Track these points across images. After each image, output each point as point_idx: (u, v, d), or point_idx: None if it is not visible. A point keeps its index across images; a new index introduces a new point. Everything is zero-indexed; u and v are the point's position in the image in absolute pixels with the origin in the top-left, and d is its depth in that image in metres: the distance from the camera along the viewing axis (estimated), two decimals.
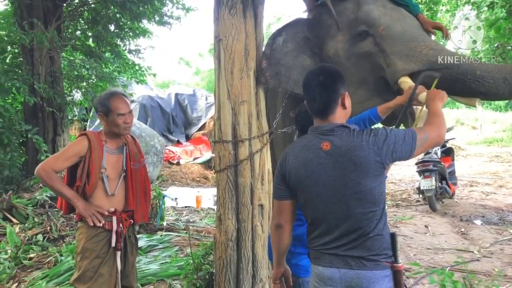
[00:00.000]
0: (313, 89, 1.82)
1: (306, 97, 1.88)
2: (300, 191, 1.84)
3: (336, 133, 1.76)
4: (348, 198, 1.72)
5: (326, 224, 1.78)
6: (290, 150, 1.91)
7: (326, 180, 1.75)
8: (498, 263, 4.47)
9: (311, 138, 1.83)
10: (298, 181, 1.82)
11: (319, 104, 1.81)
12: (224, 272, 2.95)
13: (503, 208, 7.06)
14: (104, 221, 2.54)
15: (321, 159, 1.76)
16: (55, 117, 7.18)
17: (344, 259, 1.73)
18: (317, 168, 1.76)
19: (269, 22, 22.30)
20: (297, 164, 1.82)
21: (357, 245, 1.72)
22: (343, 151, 1.72)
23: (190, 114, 14.01)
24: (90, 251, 2.52)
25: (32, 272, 4.24)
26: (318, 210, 1.79)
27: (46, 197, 5.75)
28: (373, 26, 2.73)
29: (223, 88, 2.96)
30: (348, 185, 1.71)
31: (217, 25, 2.98)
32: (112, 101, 2.61)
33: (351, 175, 1.70)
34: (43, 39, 6.26)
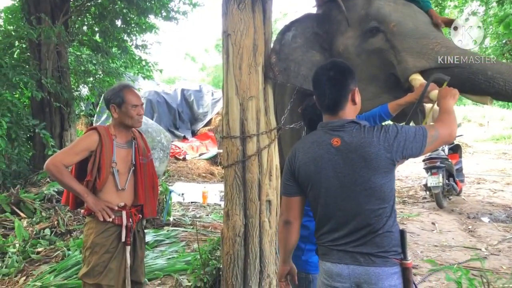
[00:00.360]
0: (323, 84, 1.81)
1: (316, 92, 1.86)
2: (309, 187, 1.83)
3: (346, 129, 1.75)
4: (358, 194, 1.71)
5: (335, 221, 1.77)
6: (299, 146, 1.90)
7: (336, 177, 1.74)
8: (506, 261, 4.45)
9: (321, 134, 1.82)
10: (308, 177, 1.81)
11: (329, 99, 1.80)
12: (231, 267, 2.95)
13: (511, 205, 7.02)
14: (113, 216, 2.54)
15: (331, 155, 1.75)
16: (62, 112, 7.20)
17: (353, 255, 1.72)
18: (327, 164, 1.75)
19: (276, 18, 22.24)
20: (306, 160, 1.81)
21: (366, 242, 1.71)
22: (354, 147, 1.71)
23: (196, 110, 14.02)
24: (100, 246, 2.52)
25: (40, 266, 4.27)
26: (328, 207, 1.78)
27: (53, 192, 5.78)
28: (384, 22, 2.70)
29: (231, 83, 2.95)
30: (358, 181, 1.70)
31: (225, 20, 2.96)
32: (126, 93, 2.63)
33: (361, 172, 1.70)
34: (51, 34, 6.27)
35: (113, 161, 2.58)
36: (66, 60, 7.29)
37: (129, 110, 2.61)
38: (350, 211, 1.73)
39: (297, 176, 1.86)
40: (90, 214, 2.58)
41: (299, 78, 2.97)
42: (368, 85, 2.78)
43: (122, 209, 2.60)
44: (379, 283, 1.68)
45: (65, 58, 7.25)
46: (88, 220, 2.61)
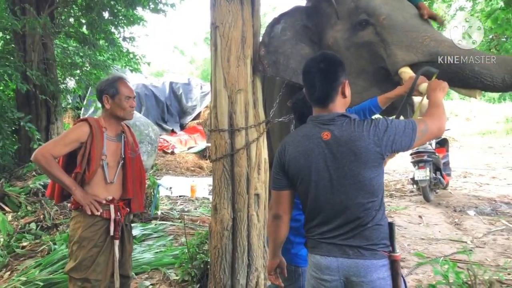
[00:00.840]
0: (314, 76, 1.79)
1: (306, 84, 1.85)
2: (299, 181, 1.82)
3: (336, 122, 1.75)
4: (348, 188, 1.71)
5: (324, 214, 1.77)
6: (289, 139, 1.89)
7: (326, 170, 1.74)
8: (491, 253, 4.50)
9: (311, 128, 1.81)
10: (298, 171, 1.81)
11: (319, 91, 1.78)
12: (219, 261, 2.94)
13: (496, 199, 7.11)
14: (101, 210, 2.51)
15: (321, 149, 1.74)
16: (48, 105, 7.10)
17: (342, 248, 1.73)
18: (317, 158, 1.75)
19: (265, 11, 22.18)
20: (296, 154, 1.81)
21: (355, 235, 1.72)
22: (344, 141, 1.70)
23: (185, 103, 13.94)
24: (88, 240, 2.49)
25: (25, 260, 4.22)
26: (317, 200, 1.78)
27: (39, 186, 5.70)
28: (374, 15, 2.69)
29: (219, 76, 2.92)
30: (347, 175, 1.70)
31: (213, 12, 2.93)
32: (120, 84, 2.62)
33: (351, 166, 1.70)
34: (36, 25, 6.15)
35: (103, 154, 2.55)
36: (52, 52, 7.17)
37: (122, 101, 2.60)
38: (339, 205, 1.73)
39: (287, 169, 1.86)
40: (77, 208, 2.54)
41: (288, 72, 2.95)
42: (357, 78, 2.77)
43: (110, 203, 2.57)
44: (368, 276, 1.68)
45: (51, 50, 7.13)
46: (75, 214, 2.57)
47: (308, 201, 1.82)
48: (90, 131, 2.52)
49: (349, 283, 1.71)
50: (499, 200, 6.99)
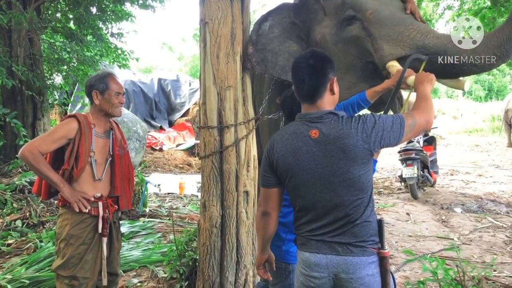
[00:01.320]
0: (303, 72, 1.79)
1: (295, 80, 1.84)
2: (288, 179, 1.82)
3: (324, 120, 1.75)
4: (337, 185, 1.71)
5: (314, 211, 1.77)
6: (277, 137, 1.89)
7: (314, 168, 1.74)
8: (477, 250, 4.56)
9: (299, 126, 1.80)
10: (286, 169, 1.81)
11: (308, 87, 1.78)
12: (208, 258, 2.93)
13: (482, 196, 7.20)
14: (90, 207, 2.49)
15: (309, 147, 1.74)
16: (34, 101, 7.00)
17: (331, 245, 1.73)
18: (305, 156, 1.75)
19: (254, 8, 22.13)
20: (285, 152, 1.80)
21: (344, 232, 1.72)
22: (332, 139, 1.70)
23: (174, 100, 13.86)
24: (76, 238, 2.47)
25: (11, 258, 4.17)
26: (306, 198, 1.78)
27: (25, 182, 5.62)
28: (361, 10, 2.68)
29: (208, 72, 2.90)
30: (336, 172, 1.70)
31: (203, 8, 2.91)
32: (110, 80, 2.60)
33: (340, 163, 1.69)
34: (22, 20, 6.06)
35: (92, 151, 2.52)
36: (38, 48, 7.07)
37: (112, 97, 2.58)
38: (329, 202, 1.73)
39: (275, 167, 1.85)
40: (64, 205, 2.51)
41: (276, 69, 2.95)
42: (345, 74, 2.77)
43: (99, 200, 2.55)
44: (357, 273, 1.68)
45: (37, 45, 7.03)
46: (62, 211, 2.54)
47: (297, 199, 1.82)
48: (78, 127, 2.49)
49: (338, 280, 1.72)
50: (485, 198, 7.08)
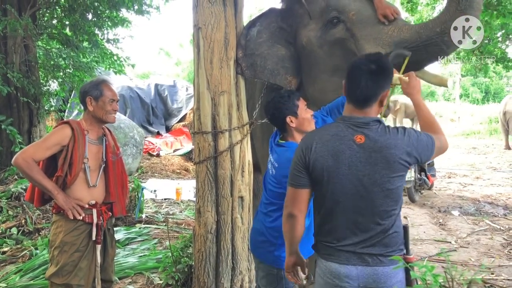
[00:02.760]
0: (361, 74, 1.73)
1: (349, 79, 1.78)
2: (323, 182, 1.75)
3: (371, 127, 1.72)
4: (375, 195, 1.69)
5: (345, 219, 1.73)
6: (316, 136, 1.81)
7: (354, 174, 1.70)
8: (475, 253, 4.55)
9: (342, 128, 1.76)
10: (324, 171, 1.74)
11: (362, 92, 1.73)
12: (203, 264, 2.91)
13: (480, 199, 7.20)
14: (84, 214, 2.47)
15: (353, 152, 1.70)
16: (30, 108, 6.97)
17: (361, 256, 1.71)
18: (347, 160, 1.70)
19: (251, 13, 22.17)
20: (325, 153, 1.74)
21: (376, 243, 1.70)
22: (378, 147, 1.67)
23: (170, 105, 13.84)
24: (70, 245, 2.45)
25: (6, 266, 4.14)
26: (339, 204, 1.73)
27: (21, 189, 5.58)
28: (344, 12, 2.67)
29: (202, 78, 2.90)
30: (377, 182, 1.68)
31: (196, 13, 2.91)
32: (104, 87, 2.59)
33: (382, 172, 1.67)
34: (17, 27, 6.04)
35: (85, 157, 2.51)
36: (34, 54, 7.05)
37: (106, 104, 2.57)
38: (364, 211, 1.71)
39: (311, 168, 1.77)
40: (58, 212, 2.49)
41: (265, 73, 2.96)
42: (332, 76, 2.76)
43: (93, 207, 2.53)
44: (388, 282, 1.68)
45: (33, 52, 7.01)
46: (56, 218, 2.53)
47: (328, 203, 1.76)
48: (72, 134, 2.48)
49: None
50: (483, 200, 7.08)
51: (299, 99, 2.43)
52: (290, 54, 3.00)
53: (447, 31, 2.20)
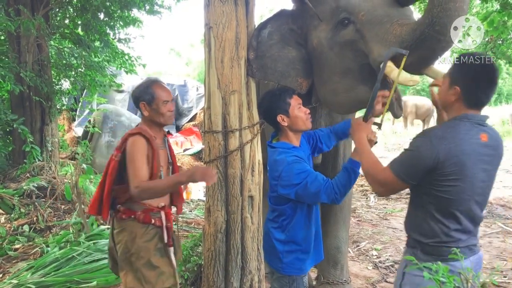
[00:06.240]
0: (489, 84, 1.84)
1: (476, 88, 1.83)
2: (453, 181, 1.77)
3: (488, 125, 1.84)
4: (490, 190, 1.87)
5: (469, 217, 1.83)
6: (447, 133, 1.81)
7: (481, 172, 1.79)
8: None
9: (469, 127, 1.80)
10: (457, 171, 1.76)
11: (487, 99, 1.85)
12: (212, 264, 2.92)
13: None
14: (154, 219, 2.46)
15: (481, 150, 1.78)
16: (42, 107, 7.04)
17: (470, 247, 1.86)
18: (476, 159, 1.77)
19: (262, 14, 22.19)
20: (458, 153, 1.75)
21: (476, 233, 1.90)
22: (496, 145, 1.82)
23: (181, 105, 13.89)
24: (145, 250, 2.41)
25: (17, 263, 4.19)
26: (468, 202, 1.81)
27: (33, 187, 5.66)
28: (354, 13, 2.63)
29: (213, 77, 2.90)
30: (492, 178, 1.85)
31: (207, 12, 2.91)
32: (155, 88, 2.50)
33: (496, 169, 1.85)
34: (30, 27, 6.11)
35: (160, 165, 2.46)
36: (47, 53, 7.12)
37: (160, 106, 2.47)
38: (481, 207, 1.86)
39: (439, 166, 1.77)
40: (129, 217, 2.44)
41: (276, 75, 2.95)
42: (343, 78, 2.74)
43: (161, 210, 2.50)
44: (480, 263, 1.92)
45: (45, 51, 7.08)
46: (126, 224, 2.45)
47: (457, 203, 1.80)
48: (148, 144, 2.41)
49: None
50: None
51: (291, 97, 2.40)
52: (301, 56, 2.98)
53: (435, 19, 2.16)
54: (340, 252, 3.43)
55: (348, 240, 3.68)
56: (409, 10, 2.66)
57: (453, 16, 2.12)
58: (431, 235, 1.83)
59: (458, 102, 1.84)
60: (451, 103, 1.88)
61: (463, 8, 2.12)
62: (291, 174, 2.22)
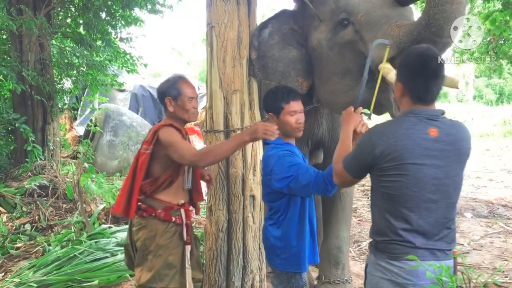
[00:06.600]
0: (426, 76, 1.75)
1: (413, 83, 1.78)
2: (397, 176, 1.74)
3: (442, 120, 1.76)
4: (448, 187, 1.73)
5: (419, 215, 1.73)
6: (388, 129, 1.80)
7: (430, 168, 1.71)
8: (488, 256, 4.50)
9: (416, 121, 1.75)
10: (398, 165, 1.73)
11: (431, 93, 1.77)
12: (214, 263, 2.92)
13: (493, 201, 7.11)
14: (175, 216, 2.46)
15: (428, 145, 1.71)
16: (44, 106, 7.04)
17: (433, 251, 1.73)
18: (421, 154, 1.71)
19: (264, 13, 22.16)
20: (399, 147, 1.72)
21: (443, 237, 1.75)
22: (452, 140, 1.73)
23: None
24: (164, 248, 2.40)
25: (19, 261, 4.19)
26: (414, 198, 1.73)
27: (34, 186, 5.66)
28: (353, 14, 2.63)
29: (215, 76, 2.91)
30: (450, 174, 1.73)
31: (209, 12, 2.92)
32: (182, 84, 2.49)
33: (454, 165, 1.73)
34: (32, 26, 6.11)
35: None
36: (48, 52, 7.12)
37: (186, 102, 2.46)
38: (437, 205, 1.73)
39: (382, 160, 1.75)
40: (150, 215, 2.43)
41: (276, 75, 2.96)
42: (342, 78, 2.74)
43: (181, 207, 2.50)
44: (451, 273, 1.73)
45: (47, 50, 7.08)
46: (146, 222, 2.44)
47: (403, 200, 1.75)
48: (180, 134, 2.43)
49: None
50: (496, 203, 6.99)
51: (288, 103, 2.36)
52: (302, 56, 2.99)
53: (431, 21, 2.16)
54: (342, 251, 3.43)
55: (349, 240, 3.68)
56: (409, 10, 2.65)
57: (449, 18, 2.12)
58: (381, 233, 1.81)
59: (404, 98, 1.83)
60: (399, 99, 1.87)
61: (459, 10, 2.12)
62: (283, 167, 2.24)
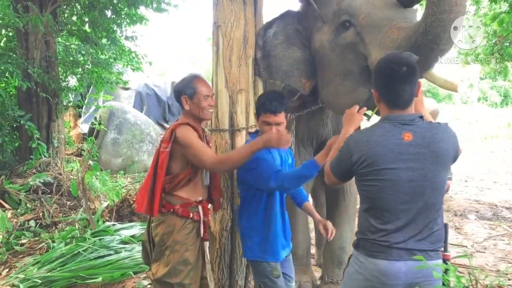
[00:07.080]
0: (396, 82, 1.78)
1: (385, 89, 1.82)
2: (373, 180, 1.78)
3: (417, 123, 1.77)
4: (426, 189, 1.73)
5: (396, 216, 1.75)
6: (362, 137, 1.85)
7: (405, 171, 1.73)
8: (491, 258, 4.48)
9: (389, 127, 1.78)
10: (374, 170, 1.76)
11: (403, 98, 1.79)
12: (218, 261, 2.93)
13: (497, 203, 7.09)
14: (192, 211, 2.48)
15: (402, 150, 1.73)
16: (49, 103, 7.07)
17: (411, 251, 1.73)
18: (396, 158, 1.73)
19: (269, 12, 22.16)
20: (373, 153, 1.76)
21: (425, 237, 1.74)
22: (427, 142, 1.73)
23: None
24: (181, 244, 2.42)
25: (24, 258, 4.22)
26: (392, 201, 1.75)
27: (39, 183, 5.69)
28: (354, 15, 2.64)
29: (220, 76, 2.91)
30: (427, 176, 1.73)
31: (216, 11, 2.93)
32: (197, 83, 2.51)
33: (432, 167, 1.73)
34: (38, 23, 6.14)
35: None
36: (54, 50, 7.15)
37: (201, 101, 2.48)
38: (415, 206, 1.74)
39: (358, 167, 1.80)
40: (169, 211, 2.45)
41: (280, 74, 2.97)
42: (344, 80, 2.75)
43: (199, 204, 2.52)
44: (431, 276, 1.71)
45: (53, 48, 7.11)
46: (165, 217, 2.46)
47: (379, 202, 1.78)
48: (197, 133, 2.45)
49: (413, 285, 1.71)
50: (500, 205, 6.97)
51: (265, 113, 2.44)
52: (305, 57, 3.00)
53: (429, 29, 2.17)
54: (345, 252, 3.43)
55: (353, 240, 3.68)
56: (411, 12, 2.65)
57: (447, 27, 2.14)
58: (362, 232, 1.87)
59: (381, 104, 1.87)
60: (378, 105, 1.90)
61: (457, 18, 2.13)
62: (251, 159, 2.31)
